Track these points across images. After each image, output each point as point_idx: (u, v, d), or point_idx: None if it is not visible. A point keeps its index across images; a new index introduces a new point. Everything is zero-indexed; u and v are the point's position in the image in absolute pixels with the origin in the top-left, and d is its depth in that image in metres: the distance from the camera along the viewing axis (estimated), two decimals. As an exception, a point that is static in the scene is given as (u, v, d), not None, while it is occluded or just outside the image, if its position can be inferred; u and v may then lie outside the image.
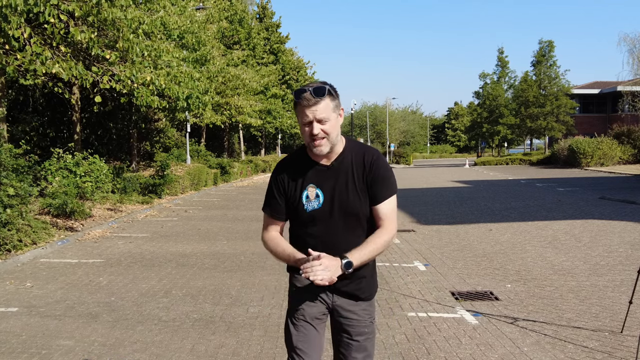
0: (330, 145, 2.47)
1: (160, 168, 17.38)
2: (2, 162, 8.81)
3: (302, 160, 2.56)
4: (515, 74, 53.78)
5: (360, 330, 2.60)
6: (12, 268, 7.85)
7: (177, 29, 14.41)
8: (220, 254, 8.74)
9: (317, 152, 2.47)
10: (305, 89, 2.40)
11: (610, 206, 14.24)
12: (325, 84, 2.45)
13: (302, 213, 2.53)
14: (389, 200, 2.53)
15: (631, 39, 39.57)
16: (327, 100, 2.41)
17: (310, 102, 2.39)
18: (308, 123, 2.42)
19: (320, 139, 2.43)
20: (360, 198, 2.51)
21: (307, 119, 2.41)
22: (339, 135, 2.51)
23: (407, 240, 9.89)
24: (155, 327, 5.23)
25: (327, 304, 2.61)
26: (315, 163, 2.53)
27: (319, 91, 2.39)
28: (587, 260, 7.94)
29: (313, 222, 2.53)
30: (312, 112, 2.40)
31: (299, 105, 2.42)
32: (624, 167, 34.00)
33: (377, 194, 2.51)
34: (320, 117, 2.40)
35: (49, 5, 9.05)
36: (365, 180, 2.51)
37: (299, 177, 2.54)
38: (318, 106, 2.39)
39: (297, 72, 45.50)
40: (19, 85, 16.11)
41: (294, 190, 2.55)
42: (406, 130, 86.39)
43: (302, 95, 2.40)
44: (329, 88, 2.43)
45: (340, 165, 2.52)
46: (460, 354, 4.48)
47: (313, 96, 2.38)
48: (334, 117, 2.45)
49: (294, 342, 2.58)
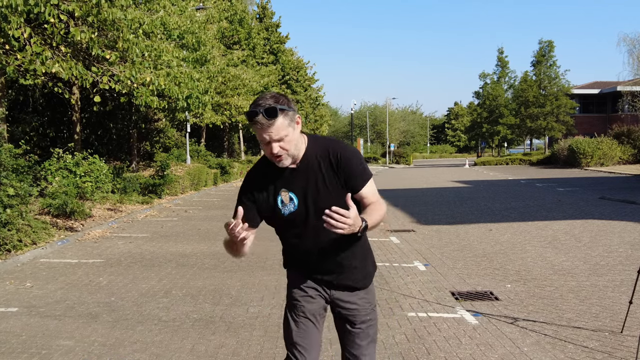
0: (292, 157, 2.49)
1: (160, 168, 17.38)
2: (2, 162, 8.81)
3: (269, 167, 2.58)
4: (515, 74, 53.87)
5: (362, 319, 2.65)
6: (12, 268, 7.85)
7: (177, 29, 14.41)
8: (220, 254, 8.74)
9: (280, 165, 2.51)
10: (257, 111, 2.37)
11: (610, 206, 14.25)
12: (278, 99, 2.42)
13: (282, 217, 2.58)
14: (368, 184, 2.56)
15: (631, 39, 39.69)
16: (280, 119, 2.39)
17: (264, 125, 2.38)
18: (267, 143, 2.44)
19: (279, 156, 2.46)
20: (332, 193, 2.52)
21: (265, 140, 2.43)
22: (298, 144, 2.50)
23: (407, 240, 9.89)
24: (155, 327, 5.23)
25: (325, 298, 2.65)
26: (282, 169, 2.55)
27: (271, 113, 2.36)
28: (587, 260, 7.94)
29: (294, 224, 2.57)
30: (268, 134, 2.40)
31: (254, 127, 2.43)
32: (624, 167, 34.01)
33: (354, 184, 2.53)
34: (276, 138, 2.41)
35: (49, 5, 9.05)
36: (336, 175, 2.52)
37: (270, 184, 2.58)
38: (272, 128, 2.39)
39: (297, 72, 45.48)
40: (19, 85, 16.11)
41: (267, 198, 2.58)
42: (406, 130, 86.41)
43: (254, 119, 2.39)
44: (280, 107, 2.39)
45: (307, 166, 2.54)
46: (460, 354, 4.48)
47: (266, 119, 2.37)
48: (290, 131, 2.44)
49: (293, 337, 2.61)
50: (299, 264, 2.68)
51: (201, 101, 14.72)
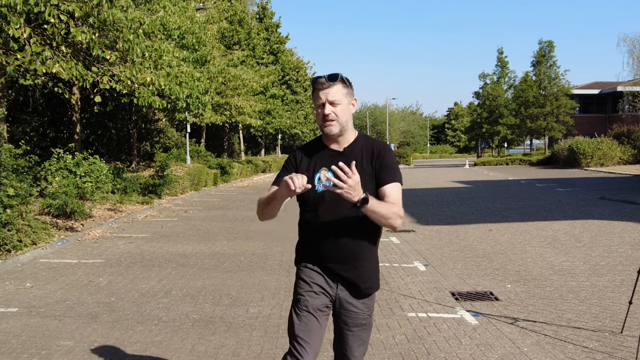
0: (340, 127, 2.66)
1: (160, 168, 17.38)
2: (2, 162, 8.82)
3: (316, 146, 2.77)
4: (515, 74, 53.77)
5: (357, 322, 2.75)
6: (12, 268, 7.85)
7: (178, 29, 14.41)
8: (220, 254, 8.74)
9: (327, 131, 2.66)
10: (322, 75, 2.66)
11: (610, 206, 14.25)
12: (342, 75, 2.67)
13: (313, 194, 2.66)
14: (395, 185, 2.66)
15: (631, 40, 39.73)
16: (339, 85, 2.64)
17: (324, 85, 2.63)
18: (321, 105, 2.64)
19: (330, 120, 2.63)
20: (367, 182, 2.63)
21: (320, 100, 2.64)
22: (350, 121, 2.70)
23: (407, 240, 9.89)
24: (155, 327, 5.23)
25: (330, 296, 2.73)
26: (328, 149, 2.72)
27: (333, 77, 2.64)
28: (587, 260, 7.94)
29: (323, 203, 2.66)
30: (324, 94, 2.62)
31: (314, 90, 2.65)
32: (624, 167, 34.01)
33: (383, 176, 2.66)
34: (332, 100, 2.62)
35: (49, 6, 9.05)
36: (372, 166, 2.68)
37: (312, 160, 2.73)
38: (330, 89, 2.62)
39: (296, 72, 45.49)
40: (19, 86, 16.12)
41: (306, 172, 2.68)
42: (406, 131, 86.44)
43: (317, 80, 2.65)
44: (342, 76, 2.66)
45: (352, 152, 2.69)
46: (460, 354, 4.48)
47: (327, 80, 2.62)
48: (345, 102, 2.66)
49: (295, 330, 2.70)
50: (313, 251, 2.74)
51: (201, 101, 14.72)
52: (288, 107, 41.01)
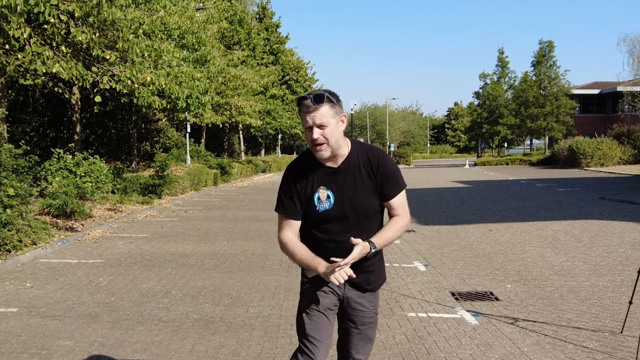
0: (331, 149, 2.62)
1: (160, 168, 17.37)
2: (2, 162, 8.82)
3: (311, 163, 2.71)
4: (515, 74, 53.77)
5: (364, 321, 2.81)
6: (12, 268, 7.85)
7: (178, 29, 14.41)
8: (220, 254, 8.74)
9: (318, 156, 2.64)
10: (307, 97, 2.57)
11: (610, 206, 14.24)
12: (327, 91, 2.59)
13: (315, 214, 2.69)
14: (400, 195, 2.75)
15: (631, 40, 39.74)
16: (326, 106, 2.56)
17: (310, 108, 2.55)
18: (309, 128, 2.59)
19: (320, 144, 2.58)
20: (369, 196, 2.68)
21: (308, 124, 2.58)
22: (339, 140, 2.64)
23: (407, 240, 9.89)
24: (155, 327, 5.22)
25: (338, 295, 2.77)
26: (323, 166, 2.69)
27: (319, 98, 2.55)
28: (587, 260, 7.94)
29: (325, 222, 2.69)
30: (311, 118, 2.56)
31: (301, 112, 2.59)
32: (624, 167, 34.01)
33: (387, 192, 2.70)
34: (319, 123, 2.56)
35: (49, 6, 9.05)
36: (373, 179, 2.69)
37: (310, 180, 2.70)
38: (317, 112, 2.55)
39: (296, 72, 45.50)
40: (19, 85, 16.12)
41: (305, 192, 2.69)
42: (406, 131, 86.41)
43: (302, 102, 2.57)
44: (328, 95, 2.57)
45: (348, 167, 2.68)
46: (460, 355, 4.48)
47: (312, 103, 2.54)
48: (333, 122, 2.59)
49: (306, 329, 2.72)
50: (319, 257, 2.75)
51: (201, 101, 14.72)
52: (288, 107, 41.01)
